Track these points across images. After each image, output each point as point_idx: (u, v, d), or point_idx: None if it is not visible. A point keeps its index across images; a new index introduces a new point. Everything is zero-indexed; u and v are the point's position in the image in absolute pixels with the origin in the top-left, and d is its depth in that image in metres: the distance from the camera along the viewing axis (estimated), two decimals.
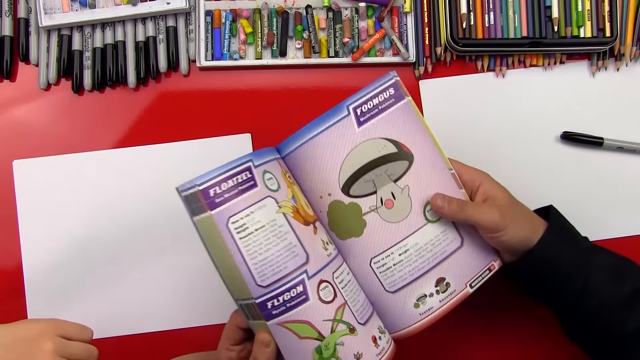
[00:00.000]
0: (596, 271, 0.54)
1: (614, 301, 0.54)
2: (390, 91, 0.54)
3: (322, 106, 0.69)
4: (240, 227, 0.48)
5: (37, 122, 0.68)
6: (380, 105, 0.54)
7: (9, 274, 0.66)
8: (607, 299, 0.54)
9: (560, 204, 0.69)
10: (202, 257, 0.67)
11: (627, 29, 0.70)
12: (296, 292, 0.48)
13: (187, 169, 0.68)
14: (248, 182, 0.48)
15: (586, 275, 0.54)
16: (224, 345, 0.54)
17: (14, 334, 0.51)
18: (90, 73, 0.68)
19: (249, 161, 0.49)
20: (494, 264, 0.56)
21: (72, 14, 0.67)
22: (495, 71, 0.70)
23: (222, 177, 0.48)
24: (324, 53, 0.69)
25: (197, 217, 0.48)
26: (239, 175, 0.48)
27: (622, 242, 0.70)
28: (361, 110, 0.53)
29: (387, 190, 0.53)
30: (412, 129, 0.54)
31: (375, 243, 0.53)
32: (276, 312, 0.48)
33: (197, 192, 0.47)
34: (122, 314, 0.67)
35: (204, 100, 0.69)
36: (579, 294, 0.54)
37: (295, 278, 0.49)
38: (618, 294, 0.54)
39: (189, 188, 0.48)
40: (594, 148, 0.70)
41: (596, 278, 0.54)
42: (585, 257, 0.55)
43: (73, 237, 0.67)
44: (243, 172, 0.48)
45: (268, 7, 0.69)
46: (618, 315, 0.54)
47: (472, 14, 0.68)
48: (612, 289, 0.54)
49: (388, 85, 0.55)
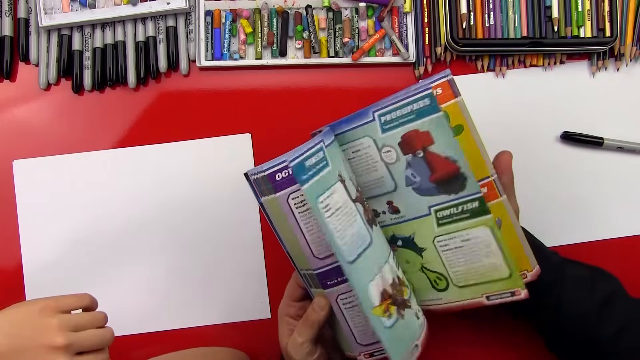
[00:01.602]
0: (569, 284, 0.56)
1: (588, 310, 0.56)
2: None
3: (322, 106, 0.69)
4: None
5: (37, 122, 0.68)
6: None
7: (9, 273, 0.66)
8: (582, 309, 0.56)
9: (560, 203, 0.69)
10: (202, 257, 0.68)
11: (627, 29, 0.70)
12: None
13: (187, 169, 0.68)
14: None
15: (560, 288, 0.56)
16: (285, 302, 0.57)
17: (12, 320, 0.48)
18: (90, 73, 0.68)
19: (321, 141, 0.51)
20: (521, 291, 0.53)
21: (72, 14, 0.67)
22: (495, 71, 0.70)
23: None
24: (324, 53, 0.69)
25: (264, 197, 0.50)
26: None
27: (622, 242, 0.70)
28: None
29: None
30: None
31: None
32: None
33: (265, 176, 0.49)
34: (122, 313, 0.67)
35: (204, 100, 0.69)
36: (556, 307, 0.56)
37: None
38: (591, 302, 0.56)
39: (256, 173, 0.49)
40: (594, 148, 0.70)
41: (570, 290, 0.56)
42: (558, 272, 0.57)
43: (73, 237, 0.67)
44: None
45: (268, 7, 0.69)
46: (593, 322, 0.56)
47: (472, 14, 0.68)
48: (586, 298, 0.56)
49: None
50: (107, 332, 0.52)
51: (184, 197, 0.68)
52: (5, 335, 0.47)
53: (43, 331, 0.47)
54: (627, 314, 0.56)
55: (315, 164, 0.49)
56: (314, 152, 0.49)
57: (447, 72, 0.51)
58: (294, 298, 0.57)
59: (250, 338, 0.67)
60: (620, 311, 0.56)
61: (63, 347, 0.47)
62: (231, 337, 0.67)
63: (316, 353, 0.54)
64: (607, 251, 0.69)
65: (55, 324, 0.48)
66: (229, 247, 0.68)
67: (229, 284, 0.67)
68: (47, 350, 0.47)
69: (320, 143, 0.50)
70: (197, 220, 0.68)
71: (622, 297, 0.58)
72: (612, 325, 0.55)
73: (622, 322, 0.55)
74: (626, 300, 0.58)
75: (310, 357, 0.53)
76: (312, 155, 0.49)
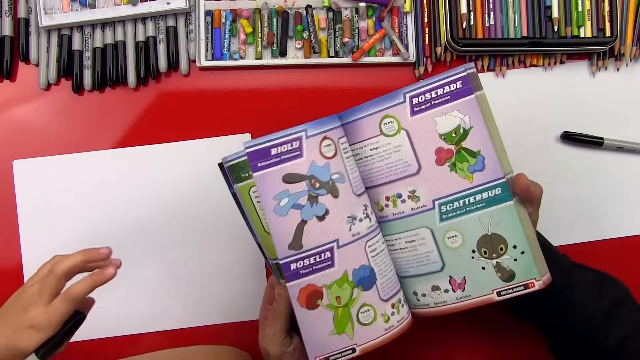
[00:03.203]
0: (578, 288, 0.56)
1: (595, 316, 0.55)
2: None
3: (322, 106, 0.69)
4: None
5: (37, 122, 0.68)
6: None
7: (9, 274, 0.66)
8: (588, 314, 0.56)
9: (561, 203, 0.69)
10: (202, 257, 0.68)
11: (627, 29, 0.70)
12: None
13: (187, 168, 0.68)
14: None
15: (569, 293, 0.56)
16: (263, 306, 0.57)
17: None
18: (90, 73, 0.68)
19: (302, 131, 0.51)
20: (534, 282, 0.52)
21: (72, 14, 0.67)
22: (495, 71, 0.70)
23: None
24: (324, 53, 0.69)
25: (238, 184, 0.53)
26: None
27: (622, 242, 0.70)
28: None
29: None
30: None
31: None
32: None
33: (237, 163, 0.52)
34: (122, 313, 0.67)
35: (204, 100, 0.69)
36: (563, 311, 0.56)
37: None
38: (598, 309, 0.56)
39: (230, 160, 0.52)
40: (594, 148, 0.70)
41: (578, 295, 0.56)
42: (567, 275, 0.56)
43: (73, 237, 0.67)
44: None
45: (268, 7, 0.69)
46: (600, 329, 0.55)
47: (472, 14, 0.68)
48: (594, 304, 0.56)
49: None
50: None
51: (184, 197, 0.68)
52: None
53: (24, 296, 0.51)
54: (633, 321, 0.56)
55: (285, 152, 0.50)
56: (289, 140, 0.50)
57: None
58: (270, 302, 0.56)
59: (250, 338, 0.67)
60: (626, 318, 0.56)
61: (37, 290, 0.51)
62: (231, 337, 0.67)
63: (291, 344, 0.54)
64: (607, 251, 0.69)
65: (36, 289, 0.51)
66: (228, 247, 0.68)
67: (229, 284, 0.67)
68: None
69: (300, 132, 0.51)
70: (197, 220, 0.68)
71: (629, 304, 0.57)
72: (617, 331, 0.55)
73: (628, 329, 0.55)
74: (633, 308, 0.57)
75: (285, 348, 0.54)
76: (284, 143, 0.50)
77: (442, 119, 0.52)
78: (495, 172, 0.52)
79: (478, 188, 0.52)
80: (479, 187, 0.52)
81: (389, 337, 0.53)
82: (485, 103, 0.54)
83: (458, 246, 0.53)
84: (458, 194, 0.53)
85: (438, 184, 0.53)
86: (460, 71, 0.52)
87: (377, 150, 0.54)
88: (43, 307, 0.50)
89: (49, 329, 0.49)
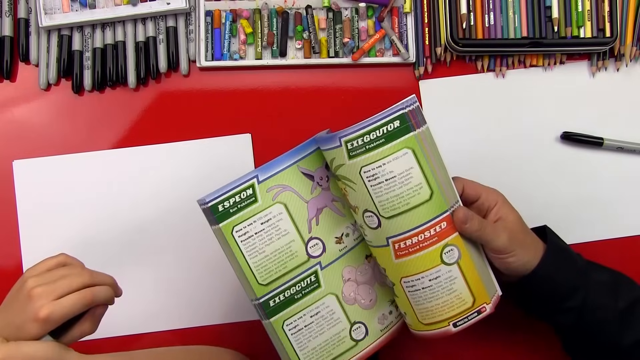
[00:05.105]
0: (594, 288, 0.56)
1: (611, 316, 0.55)
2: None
3: (322, 106, 0.69)
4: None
5: (37, 122, 0.68)
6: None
7: (9, 274, 0.66)
8: (604, 315, 0.55)
9: (560, 204, 0.69)
10: (202, 257, 0.68)
11: (627, 29, 0.70)
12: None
13: (187, 169, 0.68)
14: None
15: (585, 293, 0.55)
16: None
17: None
18: (90, 73, 0.68)
19: (254, 177, 0.53)
20: (486, 307, 0.54)
21: (72, 14, 0.67)
22: (495, 71, 0.70)
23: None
24: (324, 53, 0.69)
25: (213, 226, 0.54)
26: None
27: (623, 242, 0.70)
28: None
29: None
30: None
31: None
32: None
33: (208, 207, 0.52)
34: (122, 313, 0.67)
35: (204, 101, 0.69)
36: (579, 311, 0.55)
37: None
38: (614, 309, 0.55)
39: (204, 203, 0.52)
40: (594, 148, 0.70)
41: (594, 295, 0.55)
42: (583, 275, 0.56)
43: (73, 237, 0.67)
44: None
45: (268, 7, 0.69)
46: (615, 329, 0.55)
47: (472, 14, 0.68)
48: (609, 304, 0.56)
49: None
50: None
51: (184, 197, 0.67)
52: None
53: (21, 294, 0.51)
54: None
55: (240, 201, 0.52)
56: (240, 190, 0.52)
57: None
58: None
59: (250, 338, 0.67)
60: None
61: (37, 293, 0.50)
62: (231, 337, 0.67)
63: None
64: (607, 251, 0.69)
65: (31, 285, 0.51)
66: None
67: (229, 284, 0.67)
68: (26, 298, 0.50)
69: (251, 180, 0.52)
70: (197, 220, 0.67)
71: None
72: (633, 332, 0.55)
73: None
74: None
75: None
76: (237, 194, 0.52)
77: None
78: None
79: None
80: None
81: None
82: (429, 138, 0.51)
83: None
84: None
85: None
86: (398, 109, 0.49)
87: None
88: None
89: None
